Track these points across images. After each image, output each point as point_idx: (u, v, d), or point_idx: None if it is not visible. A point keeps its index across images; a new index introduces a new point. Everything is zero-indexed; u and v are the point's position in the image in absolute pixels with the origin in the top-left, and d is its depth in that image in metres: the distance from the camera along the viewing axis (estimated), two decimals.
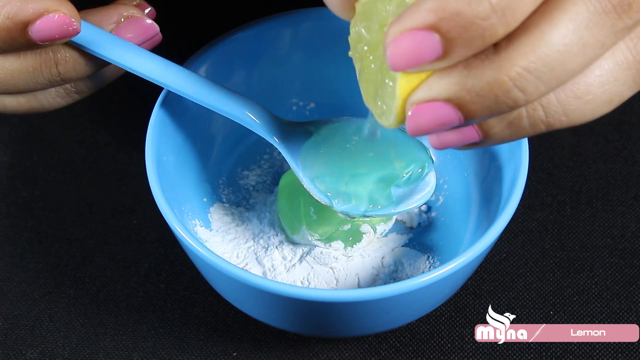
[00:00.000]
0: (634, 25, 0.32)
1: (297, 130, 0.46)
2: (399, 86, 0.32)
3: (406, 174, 0.45)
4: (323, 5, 0.39)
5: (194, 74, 0.44)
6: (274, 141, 0.45)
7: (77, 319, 0.50)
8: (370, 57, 0.36)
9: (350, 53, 0.37)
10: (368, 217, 0.45)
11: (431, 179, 0.45)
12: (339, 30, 0.42)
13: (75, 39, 0.40)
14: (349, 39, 0.36)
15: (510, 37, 0.31)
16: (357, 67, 0.37)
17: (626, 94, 0.34)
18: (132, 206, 0.54)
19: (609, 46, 0.32)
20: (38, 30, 0.38)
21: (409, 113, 0.32)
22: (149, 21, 0.43)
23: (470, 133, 0.34)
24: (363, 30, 0.35)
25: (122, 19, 0.42)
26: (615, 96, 0.33)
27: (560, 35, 0.31)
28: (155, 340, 0.49)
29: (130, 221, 0.54)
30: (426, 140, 0.45)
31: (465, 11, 0.30)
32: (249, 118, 0.44)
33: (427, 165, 0.45)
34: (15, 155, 0.57)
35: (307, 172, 0.45)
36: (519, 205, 0.43)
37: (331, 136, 0.46)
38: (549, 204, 0.54)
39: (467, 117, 0.32)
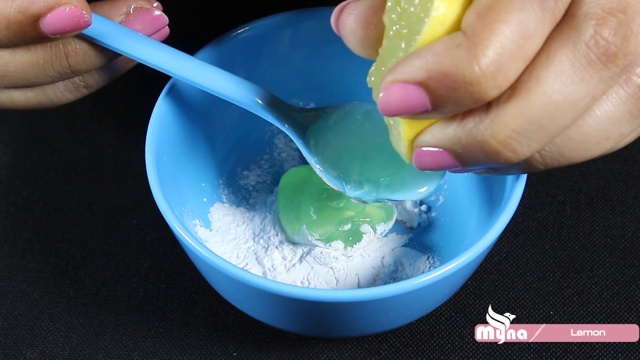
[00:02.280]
0: (621, 71, 0.31)
1: (307, 116, 0.45)
2: (402, 130, 0.34)
3: None
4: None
5: (203, 62, 0.44)
6: (284, 127, 0.44)
7: (77, 319, 0.50)
8: None
9: (369, 84, 0.38)
10: (380, 202, 0.44)
11: None
12: None
13: (85, 31, 0.40)
14: (369, 73, 0.37)
15: (500, 97, 0.31)
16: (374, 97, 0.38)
17: (625, 129, 0.33)
18: (132, 206, 0.54)
19: (599, 96, 0.31)
20: (49, 23, 0.38)
21: (414, 153, 0.34)
22: (158, 12, 0.43)
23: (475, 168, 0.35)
24: (375, 76, 0.37)
25: (131, 11, 0.42)
26: (613, 133, 0.33)
27: (547, 94, 0.31)
28: (155, 340, 0.49)
29: (130, 221, 0.54)
30: None
31: (453, 74, 0.30)
32: (258, 104, 0.44)
33: None
34: (16, 155, 0.57)
35: (318, 158, 0.44)
36: (519, 205, 0.43)
37: (341, 121, 0.45)
38: (549, 204, 0.54)
39: (464, 165, 0.33)
